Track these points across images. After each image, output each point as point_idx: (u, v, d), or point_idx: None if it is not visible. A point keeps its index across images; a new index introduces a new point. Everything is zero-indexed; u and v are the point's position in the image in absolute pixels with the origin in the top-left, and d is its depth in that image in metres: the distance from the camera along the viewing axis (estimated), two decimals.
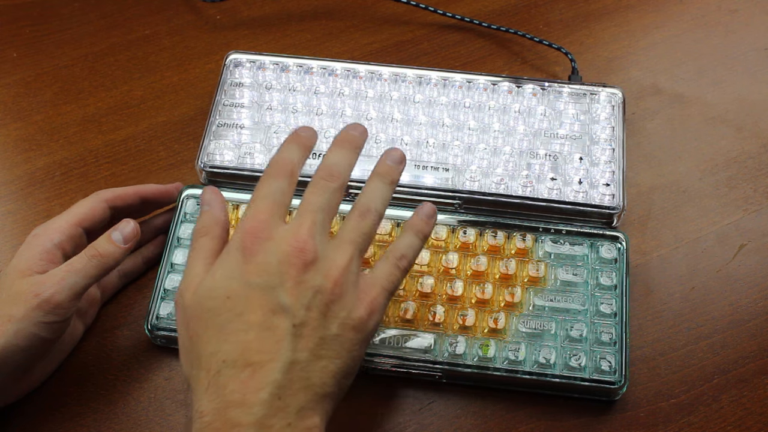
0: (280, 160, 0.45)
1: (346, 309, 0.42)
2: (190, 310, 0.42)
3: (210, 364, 0.40)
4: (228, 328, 0.40)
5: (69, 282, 0.48)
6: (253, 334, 0.40)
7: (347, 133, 0.48)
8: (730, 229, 0.61)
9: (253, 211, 0.43)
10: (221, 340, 0.40)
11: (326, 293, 0.41)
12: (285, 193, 0.44)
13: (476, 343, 0.53)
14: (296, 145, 0.46)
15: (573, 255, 0.56)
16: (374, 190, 0.46)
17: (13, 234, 0.61)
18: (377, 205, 0.45)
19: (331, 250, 0.43)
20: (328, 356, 0.41)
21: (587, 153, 0.60)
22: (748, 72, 0.69)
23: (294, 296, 0.41)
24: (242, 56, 0.64)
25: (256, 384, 0.39)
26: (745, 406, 0.53)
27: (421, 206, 0.48)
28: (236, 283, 0.41)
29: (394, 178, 0.47)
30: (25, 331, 0.46)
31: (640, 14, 0.73)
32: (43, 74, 0.70)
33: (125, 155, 0.65)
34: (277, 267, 0.41)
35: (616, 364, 0.52)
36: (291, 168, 0.45)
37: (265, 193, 0.44)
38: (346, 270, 0.42)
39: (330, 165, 0.45)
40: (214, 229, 0.46)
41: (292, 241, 0.42)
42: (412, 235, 0.47)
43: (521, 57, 0.71)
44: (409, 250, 0.46)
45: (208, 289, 0.42)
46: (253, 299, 0.41)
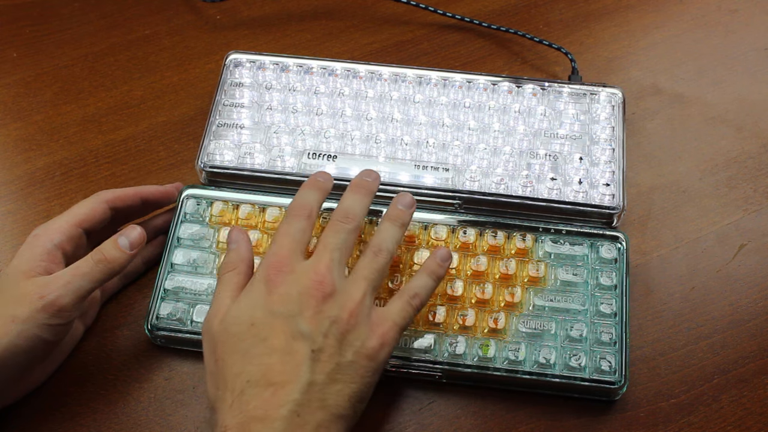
0: (300, 203, 0.50)
1: (360, 339, 0.45)
2: (217, 336, 0.46)
3: (235, 385, 0.43)
4: (252, 352, 0.44)
5: (74, 286, 0.48)
6: (276, 358, 0.44)
7: (362, 180, 0.52)
8: (730, 229, 0.61)
9: (276, 248, 0.48)
10: (246, 363, 0.44)
11: (342, 323, 0.45)
12: (305, 231, 0.49)
13: (476, 343, 0.53)
14: (314, 190, 0.51)
15: (573, 255, 0.56)
16: (386, 231, 0.50)
17: (13, 234, 0.61)
18: (389, 246, 0.49)
19: (348, 284, 0.47)
20: (344, 380, 0.44)
21: (587, 153, 0.60)
22: (748, 72, 0.69)
23: (313, 324, 0.44)
24: (242, 56, 0.64)
25: (278, 401, 0.42)
26: (745, 406, 0.53)
27: (438, 249, 0.52)
28: (260, 312, 0.45)
29: (404, 222, 0.52)
30: (28, 333, 0.46)
31: (640, 14, 0.73)
32: (43, 74, 0.70)
33: (125, 155, 0.65)
34: (298, 298, 0.45)
35: (616, 364, 0.52)
36: (310, 210, 0.49)
37: (286, 231, 0.48)
38: (361, 303, 0.46)
39: (346, 208, 0.50)
40: (240, 265, 0.49)
41: (312, 275, 0.46)
42: (427, 277, 0.51)
43: (521, 57, 0.71)
44: (422, 290, 0.50)
45: (234, 317, 0.46)
46: (275, 326, 0.44)
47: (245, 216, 0.58)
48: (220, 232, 0.57)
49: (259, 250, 0.57)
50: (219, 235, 0.57)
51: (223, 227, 0.57)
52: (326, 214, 0.57)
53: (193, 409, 0.53)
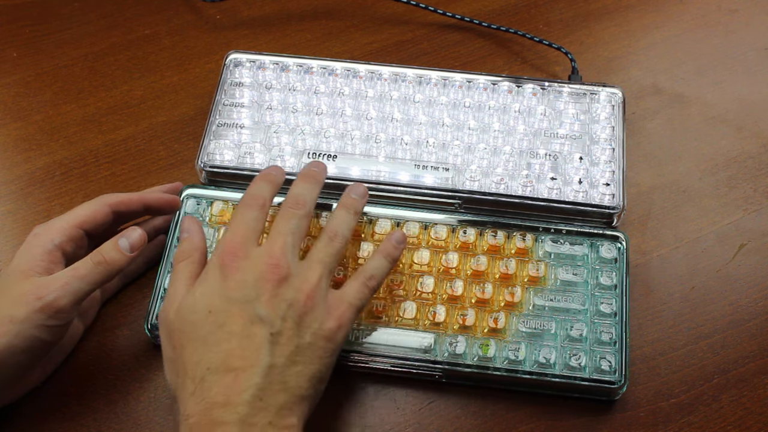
0: (253, 194, 0.50)
1: (317, 321, 0.46)
2: (174, 325, 0.46)
3: (195, 372, 0.43)
4: (211, 339, 0.44)
5: (73, 287, 0.48)
6: (235, 343, 0.44)
7: (310, 169, 0.53)
8: (730, 229, 0.61)
9: (230, 235, 0.48)
10: (205, 350, 0.44)
11: (299, 306, 0.45)
12: (258, 220, 0.49)
13: (476, 343, 0.53)
14: (266, 183, 0.51)
15: (573, 255, 0.56)
16: (340, 217, 0.51)
17: (13, 234, 0.61)
18: (344, 231, 0.50)
19: (303, 268, 0.47)
20: (303, 362, 0.45)
21: (587, 153, 0.60)
22: (748, 72, 0.69)
23: (270, 308, 0.45)
24: (242, 56, 0.64)
25: (239, 386, 0.42)
26: (745, 406, 0.53)
27: (393, 232, 0.53)
28: (217, 299, 0.45)
29: (357, 210, 0.52)
30: (25, 333, 0.46)
31: (640, 14, 0.73)
32: (43, 74, 0.70)
33: (125, 155, 0.65)
34: (254, 283, 0.45)
35: (616, 364, 0.52)
36: (263, 201, 0.50)
37: (240, 219, 0.48)
38: (317, 286, 0.47)
39: (296, 195, 0.50)
40: (194, 254, 0.49)
41: (266, 259, 0.46)
42: (382, 258, 0.51)
43: (521, 57, 0.71)
44: (377, 271, 0.50)
45: (190, 305, 0.46)
46: (233, 312, 0.44)
47: None
48: (220, 232, 0.57)
49: None
50: (219, 235, 0.57)
51: (224, 227, 0.57)
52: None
53: None
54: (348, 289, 0.49)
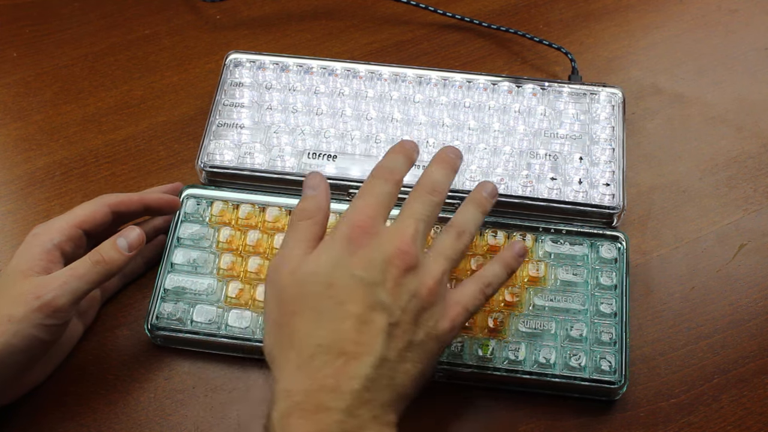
0: (389, 166, 0.47)
1: (433, 319, 0.44)
2: (289, 289, 0.43)
3: (302, 346, 0.41)
4: (327, 314, 0.42)
5: (71, 287, 0.47)
6: (350, 324, 0.41)
7: (447, 155, 0.49)
8: (730, 229, 0.61)
9: (361, 206, 0.45)
10: (318, 325, 0.42)
11: (421, 299, 0.43)
12: (392, 196, 0.46)
13: (476, 343, 0.53)
14: (403, 156, 0.48)
15: (573, 255, 0.56)
16: (470, 214, 0.48)
17: (13, 234, 0.61)
18: (471, 229, 0.48)
19: (429, 260, 0.45)
20: (412, 360, 0.43)
21: (587, 153, 0.60)
22: (748, 72, 0.69)
23: (393, 296, 0.42)
24: (242, 56, 0.64)
25: (350, 373, 0.40)
26: (745, 406, 0.53)
27: (514, 243, 0.51)
28: (340, 272, 0.43)
29: (486, 209, 0.50)
30: (24, 333, 0.46)
31: (640, 14, 0.73)
32: (43, 74, 0.70)
33: (125, 155, 0.65)
34: (381, 264, 0.43)
35: (616, 364, 0.52)
36: (398, 177, 0.47)
37: (372, 191, 0.46)
38: (440, 281, 0.44)
39: (434, 180, 0.47)
40: (318, 214, 0.46)
41: (397, 243, 0.43)
42: (501, 267, 0.49)
43: (521, 57, 0.71)
44: (495, 279, 0.48)
45: (311, 273, 0.43)
46: (355, 291, 0.42)
47: (245, 216, 0.58)
48: (220, 232, 0.57)
49: (258, 250, 0.57)
50: (219, 235, 0.57)
51: (224, 227, 0.57)
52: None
53: (193, 409, 0.53)
54: (465, 292, 0.47)
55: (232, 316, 0.54)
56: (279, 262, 0.45)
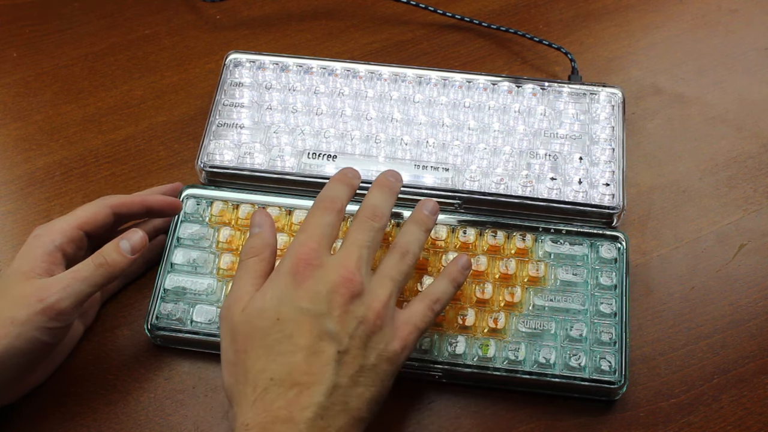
0: (330, 196, 0.48)
1: (383, 341, 0.45)
2: (240, 327, 0.44)
3: (257, 381, 0.43)
4: (277, 348, 0.43)
5: (74, 289, 0.47)
6: (301, 357, 0.43)
7: (386, 179, 0.51)
8: (730, 229, 0.61)
9: (305, 238, 0.46)
10: (270, 360, 0.43)
11: (369, 324, 0.44)
12: (334, 226, 0.47)
13: (476, 343, 0.53)
14: (344, 185, 0.49)
15: (573, 255, 0.56)
16: (413, 234, 0.49)
17: (13, 234, 0.61)
18: (415, 249, 0.49)
19: (374, 284, 0.46)
20: (365, 384, 0.44)
21: (587, 153, 0.60)
22: (748, 72, 0.69)
23: (340, 324, 0.43)
24: (242, 56, 0.64)
25: (303, 403, 0.42)
26: (745, 406, 0.53)
27: (459, 257, 0.51)
28: (287, 307, 0.44)
29: (429, 227, 0.51)
30: (26, 335, 0.46)
31: (640, 14, 0.73)
32: (43, 74, 0.70)
33: (125, 155, 0.65)
34: (326, 295, 0.44)
35: (616, 364, 0.52)
36: (340, 206, 0.48)
37: (316, 222, 0.47)
38: (387, 305, 0.45)
39: (375, 206, 0.48)
40: (265, 251, 0.48)
41: (341, 272, 0.45)
42: (448, 282, 0.50)
43: (521, 57, 0.71)
44: (444, 295, 0.49)
45: (259, 310, 0.44)
46: (302, 323, 0.43)
47: (245, 216, 0.58)
48: (220, 232, 0.57)
49: None
50: (219, 235, 0.57)
51: (223, 227, 0.57)
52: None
53: (193, 409, 0.53)
54: (414, 310, 0.47)
55: None
56: (230, 301, 0.46)
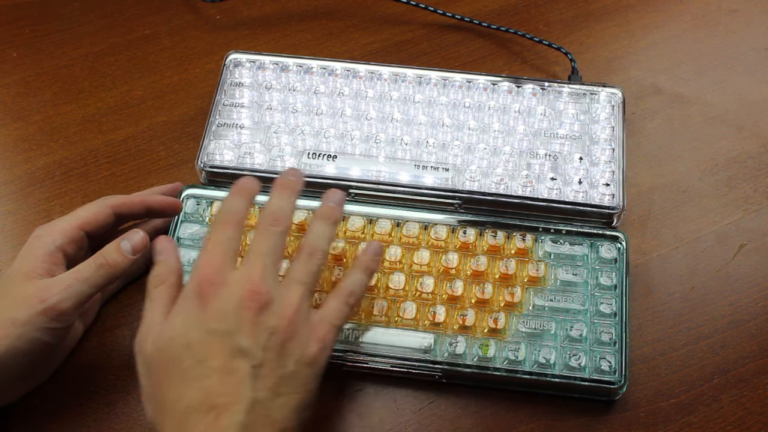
0: (228, 211, 0.47)
1: (300, 347, 0.44)
2: (152, 359, 0.44)
3: (174, 410, 0.42)
4: (190, 374, 0.42)
5: (75, 290, 0.47)
6: (216, 379, 0.42)
7: (286, 179, 0.49)
8: (730, 229, 0.61)
9: (206, 258, 0.45)
10: (185, 387, 0.42)
11: (281, 333, 0.43)
12: (235, 240, 0.46)
13: (476, 343, 0.53)
14: (241, 197, 0.48)
15: (573, 255, 0.56)
16: (318, 231, 0.48)
17: (13, 234, 0.61)
18: (323, 245, 0.48)
19: (283, 290, 0.45)
20: (287, 393, 0.43)
21: (587, 153, 0.60)
22: (748, 72, 0.69)
23: (252, 338, 0.43)
24: (242, 56, 0.64)
25: (223, 425, 0.41)
26: (745, 406, 0.53)
27: (369, 244, 0.51)
28: (195, 331, 0.43)
29: (336, 218, 0.49)
30: (27, 336, 0.46)
31: (640, 14, 0.73)
32: (43, 74, 0.70)
33: (125, 155, 0.65)
34: (234, 312, 0.43)
35: (616, 364, 0.52)
36: (238, 218, 0.47)
37: (216, 240, 0.46)
38: (298, 309, 0.45)
39: (274, 211, 0.47)
40: (170, 277, 0.47)
41: (246, 285, 0.44)
42: (360, 273, 0.50)
43: (521, 57, 0.71)
44: (357, 287, 0.49)
45: (168, 338, 0.43)
46: (213, 345, 0.42)
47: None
48: None
49: None
50: None
51: None
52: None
53: None
54: (328, 308, 0.47)
55: None
56: (141, 334, 0.45)
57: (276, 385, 0.43)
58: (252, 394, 0.41)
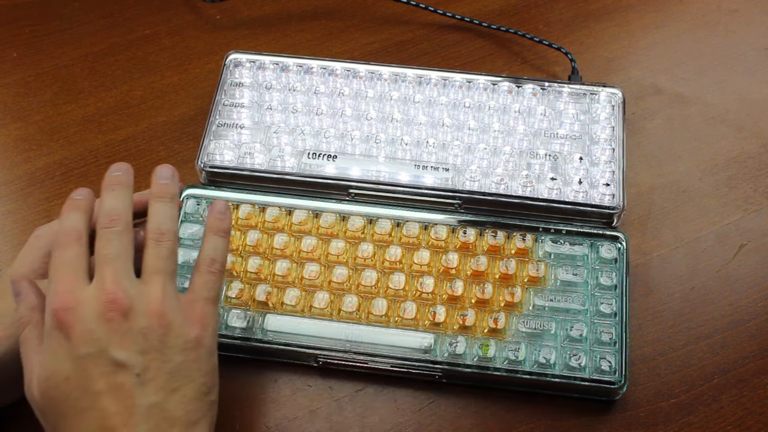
0: (65, 230, 0.45)
1: (180, 335, 0.43)
2: (42, 404, 0.42)
3: None
4: (80, 406, 0.41)
5: None
6: (105, 400, 0.40)
7: (112, 176, 0.47)
8: (730, 229, 0.61)
9: (55, 285, 0.43)
10: (79, 420, 0.40)
11: (155, 330, 0.42)
12: (79, 257, 0.44)
13: (476, 343, 0.53)
14: (75, 211, 0.46)
15: (573, 255, 0.56)
16: (158, 212, 0.46)
17: (13, 234, 0.61)
18: (168, 225, 0.46)
19: (142, 287, 0.43)
20: (182, 384, 0.42)
21: (587, 153, 0.60)
22: (748, 72, 0.69)
23: (125, 348, 0.41)
24: (242, 56, 0.64)
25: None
26: (745, 406, 0.53)
27: (213, 204, 0.49)
28: (68, 363, 0.41)
29: (173, 194, 0.47)
30: None
31: (640, 14, 0.73)
32: (43, 74, 0.70)
33: (125, 155, 0.65)
34: (98, 328, 0.41)
35: (616, 364, 0.52)
36: (77, 234, 0.45)
37: (60, 263, 0.44)
38: (164, 299, 0.43)
39: (108, 211, 0.45)
40: (33, 316, 0.45)
41: (101, 297, 0.42)
42: (215, 236, 0.48)
43: (521, 57, 0.71)
44: (217, 252, 0.47)
45: (46, 380, 0.42)
46: (89, 370, 0.41)
47: (245, 216, 0.58)
48: None
49: (258, 250, 0.57)
50: None
51: None
52: None
53: None
54: (196, 285, 0.45)
55: (232, 316, 0.54)
56: (27, 379, 0.43)
57: (167, 383, 0.41)
58: (144, 401, 0.40)
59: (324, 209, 0.58)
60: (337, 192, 0.59)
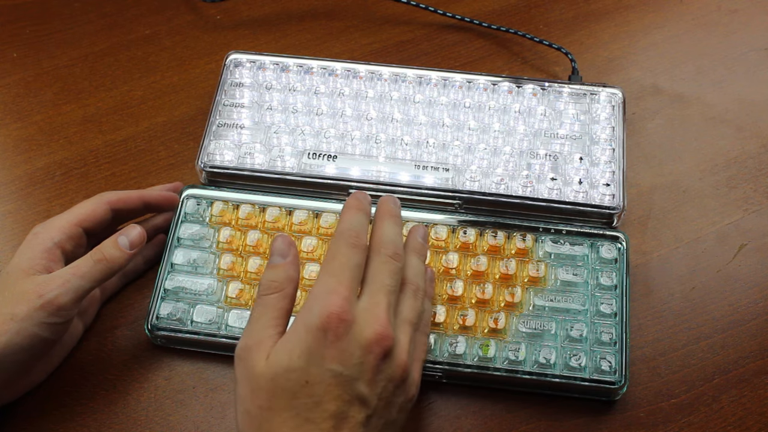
0: (356, 230, 0.44)
1: (404, 393, 0.44)
2: (263, 381, 0.41)
3: None
4: (304, 415, 0.40)
5: (73, 285, 0.48)
6: (329, 424, 0.40)
7: (389, 207, 0.48)
8: (730, 229, 0.61)
9: (334, 285, 0.42)
10: (297, 425, 0.40)
11: (396, 380, 0.43)
12: (361, 267, 0.44)
13: (476, 343, 0.53)
14: (362, 213, 0.46)
15: (573, 255, 0.56)
16: (416, 267, 0.47)
17: (13, 234, 0.61)
18: (421, 283, 0.47)
19: (399, 332, 0.44)
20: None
21: (587, 153, 0.60)
22: (748, 72, 0.69)
23: (371, 387, 0.41)
24: (242, 56, 0.64)
25: None
26: (745, 406, 0.53)
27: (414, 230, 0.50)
28: (316, 368, 0.40)
29: (424, 253, 0.49)
30: (26, 331, 0.46)
31: (640, 14, 0.73)
32: (43, 74, 0.70)
33: (125, 155, 0.65)
34: (359, 356, 0.41)
35: (616, 364, 0.52)
36: (364, 240, 0.44)
37: (344, 264, 0.43)
38: (409, 353, 0.43)
39: (394, 242, 0.45)
40: (288, 285, 0.44)
41: (375, 326, 0.41)
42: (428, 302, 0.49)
43: (521, 57, 0.71)
44: (427, 315, 0.49)
45: (285, 369, 0.41)
46: (332, 388, 0.40)
47: (245, 216, 0.58)
48: (220, 232, 0.57)
49: (258, 250, 0.57)
50: (219, 235, 0.57)
51: (224, 227, 0.57)
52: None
53: (193, 409, 0.53)
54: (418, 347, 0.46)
55: (232, 316, 0.54)
56: (250, 342, 0.42)
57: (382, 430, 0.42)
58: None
59: (324, 209, 0.58)
60: (337, 192, 0.59)
